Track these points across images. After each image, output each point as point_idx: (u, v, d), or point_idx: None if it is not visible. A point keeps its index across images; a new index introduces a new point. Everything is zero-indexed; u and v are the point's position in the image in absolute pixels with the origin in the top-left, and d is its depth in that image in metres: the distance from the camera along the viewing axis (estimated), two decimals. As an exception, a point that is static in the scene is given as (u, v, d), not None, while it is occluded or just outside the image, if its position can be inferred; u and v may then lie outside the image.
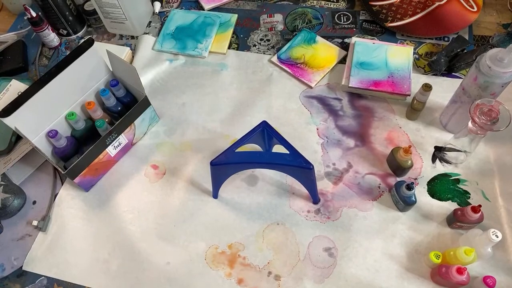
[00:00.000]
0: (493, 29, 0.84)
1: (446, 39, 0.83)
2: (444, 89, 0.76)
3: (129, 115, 0.70)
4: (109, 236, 0.68)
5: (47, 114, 0.67)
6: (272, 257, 0.64)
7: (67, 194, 0.72)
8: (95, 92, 0.73)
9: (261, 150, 0.66)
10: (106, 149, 0.70)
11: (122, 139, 0.72)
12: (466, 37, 0.82)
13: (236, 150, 0.60)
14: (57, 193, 0.73)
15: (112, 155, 0.72)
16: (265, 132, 0.61)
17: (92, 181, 0.72)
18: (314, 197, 0.66)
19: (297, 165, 0.58)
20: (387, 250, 0.63)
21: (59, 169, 0.67)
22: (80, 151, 0.73)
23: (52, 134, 0.67)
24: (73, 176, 0.67)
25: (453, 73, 0.79)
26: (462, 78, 0.78)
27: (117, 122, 0.68)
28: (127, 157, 0.75)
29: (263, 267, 0.63)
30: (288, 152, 0.59)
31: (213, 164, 0.60)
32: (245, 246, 0.65)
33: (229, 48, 0.87)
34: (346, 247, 0.63)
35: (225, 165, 0.61)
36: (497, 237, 0.54)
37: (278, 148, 0.60)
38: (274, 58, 0.83)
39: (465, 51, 0.79)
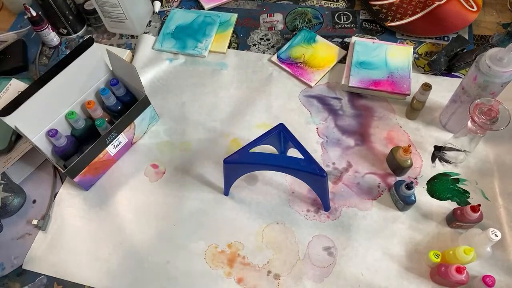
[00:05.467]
0: (493, 29, 0.84)
1: (446, 38, 0.83)
2: (443, 89, 0.76)
3: (129, 114, 0.70)
4: (109, 235, 0.68)
5: (47, 113, 0.67)
6: (272, 256, 0.64)
7: (67, 193, 0.72)
8: (95, 91, 0.73)
9: (276, 151, 0.66)
10: (106, 148, 0.70)
11: (122, 138, 0.72)
12: (466, 37, 0.82)
13: (250, 150, 0.60)
14: (57, 192, 0.73)
15: (112, 154, 0.72)
16: (281, 135, 0.61)
17: (92, 180, 0.72)
18: (326, 204, 0.65)
19: (310, 172, 0.57)
20: (386, 249, 0.63)
21: (59, 168, 0.67)
22: (80, 150, 0.73)
23: (52, 133, 0.67)
24: (73, 175, 0.67)
25: (452, 73, 0.79)
26: (461, 78, 0.78)
27: (117, 121, 0.68)
28: (127, 156, 0.75)
29: (262, 266, 0.63)
30: (302, 157, 0.58)
31: (226, 162, 0.60)
32: (245, 246, 0.65)
33: (229, 47, 0.87)
34: (346, 247, 0.63)
35: (238, 164, 0.61)
36: (496, 236, 0.54)
37: (294, 151, 0.60)
38: (274, 58, 0.83)
39: (465, 50, 0.79)
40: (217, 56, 0.86)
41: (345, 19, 0.89)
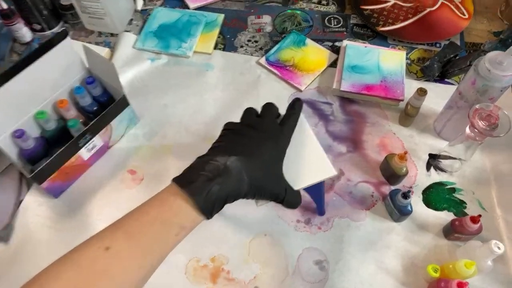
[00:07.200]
0: (484, 37, 0.83)
1: (437, 45, 0.82)
2: (437, 95, 0.73)
3: (106, 115, 0.64)
4: (79, 247, 0.61)
5: (13, 112, 0.61)
6: (259, 271, 0.59)
7: (33, 201, 0.66)
8: (69, 89, 0.67)
9: None
10: (79, 152, 0.64)
11: (97, 141, 0.66)
12: (458, 44, 0.81)
13: None
14: (22, 200, 0.66)
15: (86, 159, 0.66)
16: None
17: (62, 187, 0.66)
18: (320, 209, 0.61)
19: None
20: (381, 263, 0.59)
21: (25, 173, 0.61)
22: (50, 154, 0.66)
23: (18, 134, 0.60)
24: (40, 180, 0.61)
25: (446, 79, 0.77)
26: (454, 85, 0.76)
27: (92, 122, 0.63)
28: (102, 161, 0.69)
29: (249, 281, 0.58)
30: None
31: None
32: (230, 259, 0.60)
33: (215, 48, 0.82)
34: (338, 260, 0.59)
35: None
36: (499, 248, 0.51)
37: None
38: (262, 60, 0.80)
39: (458, 57, 0.77)
40: (202, 56, 0.81)
41: (335, 23, 0.86)
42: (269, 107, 0.52)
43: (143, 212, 0.42)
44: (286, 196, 0.47)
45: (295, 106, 0.52)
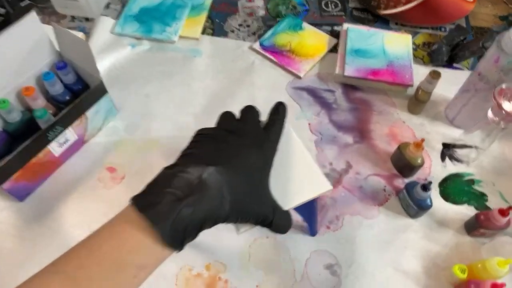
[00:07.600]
0: (490, 21, 0.79)
1: (442, 29, 0.77)
2: (446, 81, 0.67)
3: (80, 103, 0.56)
4: (50, 258, 0.52)
5: (-32, 100, 0.52)
6: (262, 279, 0.51)
7: (-6, 205, 0.56)
8: (36, 75, 0.59)
9: None
10: (48, 146, 0.55)
11: (70, 134, 0.57)
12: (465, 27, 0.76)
13: None
14: (-19, 204, 0.56)
15: (57, 154, 0.57)
16: None
17: (28, 188, 0.57)
18: (312, 229, 0.53)
19: None
20: (399, 264, 0.52)
21: (-17, 172, 0.52)
22: (14, 150, 0.57)
23: (-26, 127, 0.51)
24: (0, 180, 0.51)
25: (454, 64, 0.71)
26: (464, 70, 0.71)
27: (64, 111, 0.54)
28: (76, 158, 0.60)
29: (250, 291, 0.50)
30: None
31: None
32: (227, 266, 0.52)
33: (203, 33, 0.75)
34: (351, 263, 0.52)
35: None
36: (537, 244, 0.45)
37: None
38: (256, 45, 0.72)
39: (465, 40, 0.72)
40: (189, 42, 0.73)
41: (333, 7, 0.80)
42: (250, 110, 0.43)
43: (90, 249, 0.32)
44: (274, 219, 0.38)
45: (279, 110, 0.43)
